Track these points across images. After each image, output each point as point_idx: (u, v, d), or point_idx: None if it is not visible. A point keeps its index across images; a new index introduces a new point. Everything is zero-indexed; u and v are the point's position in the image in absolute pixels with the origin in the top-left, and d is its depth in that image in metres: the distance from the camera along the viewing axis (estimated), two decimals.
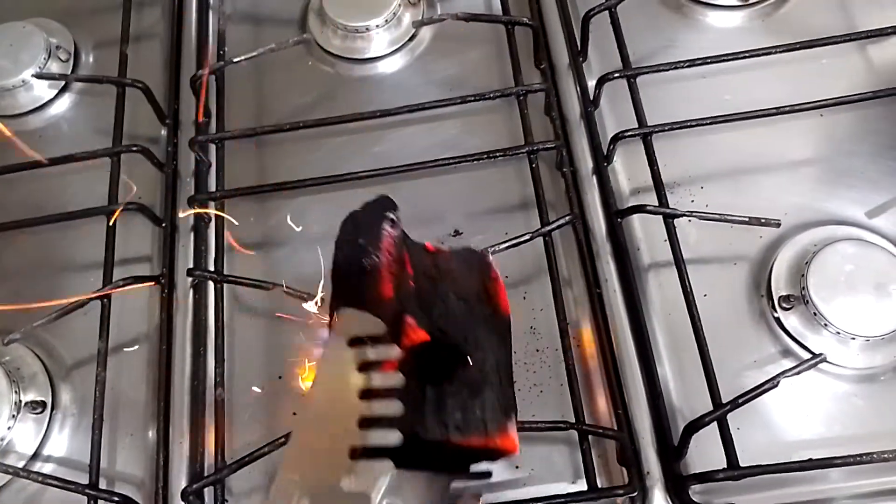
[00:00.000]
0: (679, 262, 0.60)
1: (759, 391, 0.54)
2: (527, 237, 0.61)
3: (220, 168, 0.72)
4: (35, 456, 0.63)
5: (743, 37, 0.74)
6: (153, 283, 0.66)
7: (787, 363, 0.59)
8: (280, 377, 0.63)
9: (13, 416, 0.62)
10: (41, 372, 0.66)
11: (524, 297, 0.64)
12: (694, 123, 0.65)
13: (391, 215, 0.44)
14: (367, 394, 0.39)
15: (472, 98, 0.68)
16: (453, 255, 0.50)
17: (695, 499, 0.55)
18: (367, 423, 0.38)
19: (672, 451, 0.56)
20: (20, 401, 0.63)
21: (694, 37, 0.74)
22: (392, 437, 0.38)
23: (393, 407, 0.38)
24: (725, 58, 0.67)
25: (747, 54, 0.67)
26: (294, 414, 0.56)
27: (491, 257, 0.51)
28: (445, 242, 0.65)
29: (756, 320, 0.61)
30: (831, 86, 0.67)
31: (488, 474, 0.44)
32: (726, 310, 0.62)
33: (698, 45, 0.73)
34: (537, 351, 0.62)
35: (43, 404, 0.64)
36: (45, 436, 0.64)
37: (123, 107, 0.73)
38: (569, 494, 0.55)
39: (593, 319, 0.61)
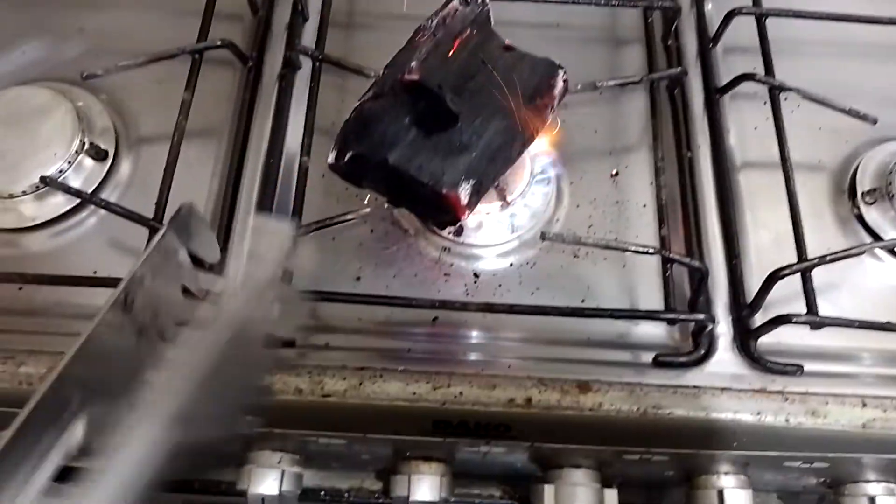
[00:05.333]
0: (781, 133, 0.60)
1: (846, 253, 0.54)
2: (635, 79, 0.62)
3: None
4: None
5: None
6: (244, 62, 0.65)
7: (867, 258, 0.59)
8: None
9: (76, 152, 0.60)
10: (111, 130, 0.63)
11: None
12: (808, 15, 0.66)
13: None
14: None
15: None
16: (525, 58, 0.53)
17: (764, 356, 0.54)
18: None
19: (746, 304, 0.56)
20: (84, 141, 0.61)
21: None
22: None
23: None
24: None
25: None
26: None
27: (563, 76, 0.52)
28: None
29: (838, 215, 0.61)
30: None
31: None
32: (809, 202, 0.61)
33: None
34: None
35: (106, 154, 0.62)
36: (98, 186, 0.61)
37: None
38: (648, 311, 0.54)
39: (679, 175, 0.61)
